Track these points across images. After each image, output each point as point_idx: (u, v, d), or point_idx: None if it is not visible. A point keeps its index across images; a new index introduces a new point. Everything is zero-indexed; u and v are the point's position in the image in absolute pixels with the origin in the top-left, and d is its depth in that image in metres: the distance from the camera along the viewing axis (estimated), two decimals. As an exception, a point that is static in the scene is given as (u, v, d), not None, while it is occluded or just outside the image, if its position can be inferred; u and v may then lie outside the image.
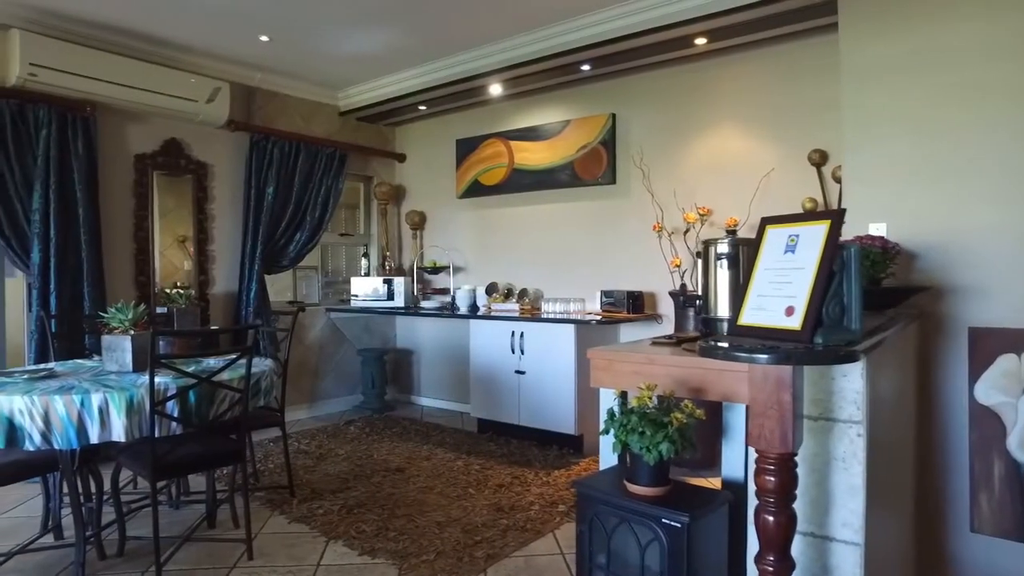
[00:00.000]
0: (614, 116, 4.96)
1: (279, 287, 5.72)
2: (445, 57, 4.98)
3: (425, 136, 6.26)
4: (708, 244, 2.47)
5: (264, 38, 4.50)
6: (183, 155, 4.91)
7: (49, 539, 3.05)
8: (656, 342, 2.67)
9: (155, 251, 4.82)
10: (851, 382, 1.71)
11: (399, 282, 5.69)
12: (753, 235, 1.85)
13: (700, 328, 2.46)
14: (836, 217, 1.60)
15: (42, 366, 3.24)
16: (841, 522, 1.70)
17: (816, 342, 1.50)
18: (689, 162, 4.66)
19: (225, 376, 2.81)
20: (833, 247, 1.56)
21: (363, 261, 6.26)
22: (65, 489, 2.93)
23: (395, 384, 6.32)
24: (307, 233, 5.47)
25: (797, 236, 1.68)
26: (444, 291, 5.83)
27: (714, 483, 2.29)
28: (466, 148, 5.77)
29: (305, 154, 5.43)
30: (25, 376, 2.86)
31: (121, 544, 2.93)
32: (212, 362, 3.11)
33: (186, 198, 5.01)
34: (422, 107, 5.74)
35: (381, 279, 5.75)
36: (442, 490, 3.75)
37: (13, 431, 2.48)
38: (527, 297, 5.34)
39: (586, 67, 4.70)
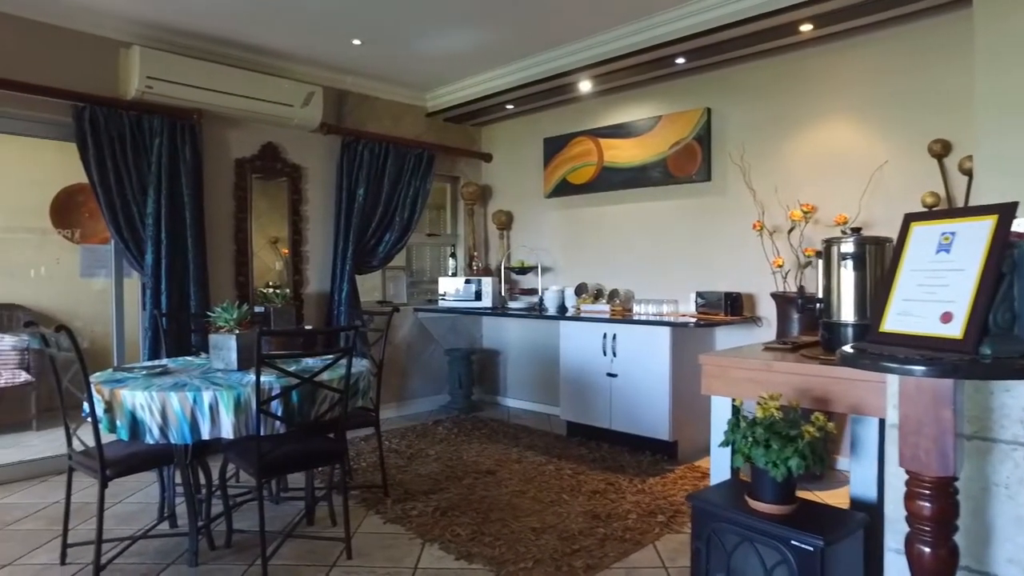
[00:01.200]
0: (709, 111, 4.75)
1: (368, 287, 5.82)
2: (533, 55, 4.92)
3: (512, 135, 6.22)
4: (830, 243, 2.29)
5: (356, 41, 4.58)
6: (279, 158, 5.07)
7: (165, 527, 3.19)
8: (769, 348, 2.50)
9: (252, 252, 5.00)
10: (1017, 398, 1.51)
11: (486, 282, 5.68)
12: (869, 233, 1.68)
13: (822, 333, 2.28)
14: (1005, 212, 1.41)
15: (157, 362, 3.39)
16: (1007, 558, 1.50)
17: (983, 353, 1.32)
18: (792, 157, 4.41)
19: (325, 376, 2.84)
20: (1001, 245, 1.38)
21: (450, 261, 6.29)
22: (178, 479, 3.06)
23: (481, 384, 6.32)
24: (396, 234, 5.54)
25: (952, 234, 1.50)
26: (532, 291, 5.77)
27: (820, 497, 2.12)
28: (554, 147, 5.69)
29: (394, 155, 5.50)
30: (143, 372, 2.99)
31: (228, 536, 3.03)
32: (311, 362, 3.16)
33: (280, 200, 5.18)
34: (509, 106, 5.70)
35: (468, 279, 5.76)
36: (535, 495, 3.68)
37: (136, 425, 2.60)
38: (618, 298, 5.20)
39: (680, 60, 4.53)
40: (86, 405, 2.69)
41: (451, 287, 5.79)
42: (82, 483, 3.27)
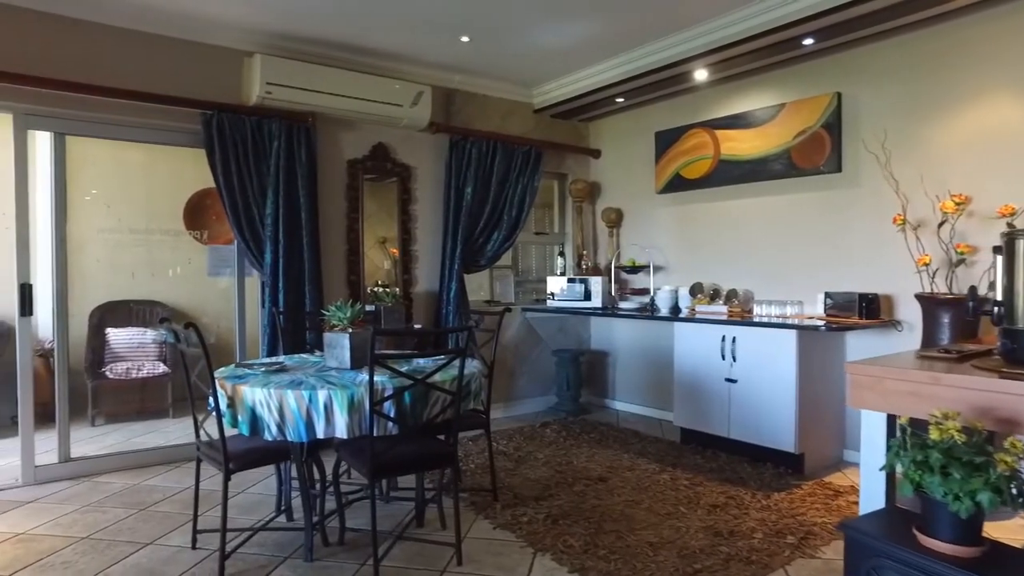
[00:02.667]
0: (839, 95, 4.35)
1: (474, 286, 5.81)
2: (645, 45, 4.69)
3: (621, 130, 6.01)
4: (1014, 236, 1.96)
5: (465, 38, 4.54)
6: (389, 158, 5.13)
7: (282, 519, 3.27)
8: (926, 356, 2.18)
9: (363, 251, 5.09)
10: None
11: (595, 282, 5.50)
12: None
13: (1004, 342, 1.95)
14: None
15: (274, 359, 3.49)
16: None
17: None
18: (940, 142, 3.94)
19: (437, 378, 2.79)
20: None
21: (558, 260, 6.16)
22: (294, 474, 3.11)
23: (590, 386, 6.15)
24: (504, 232, 5.48)
25: None
26: (643, 291, 5.53)
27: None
28: (666, 140, 5.43)
29: (502, 153, 5.44)
30: (262, 369, 3.07)
31: (341, 533, 3.04)
32: (423, 362, 3.13)
33: (389, 200, 5.25)
34: (619, 99, 5.50)
35: (577, 278, 5.61)
36: (650, 506, 3.48)
37: (256, 421, 2.65)
38: (736, 299, 4.88)
39: (808, 41, 4.16)
40: (211, 399, 2.78)
41: (559, 287, 5.67)
42: (209, 471, 3.42)
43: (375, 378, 2.63)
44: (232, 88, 4.40)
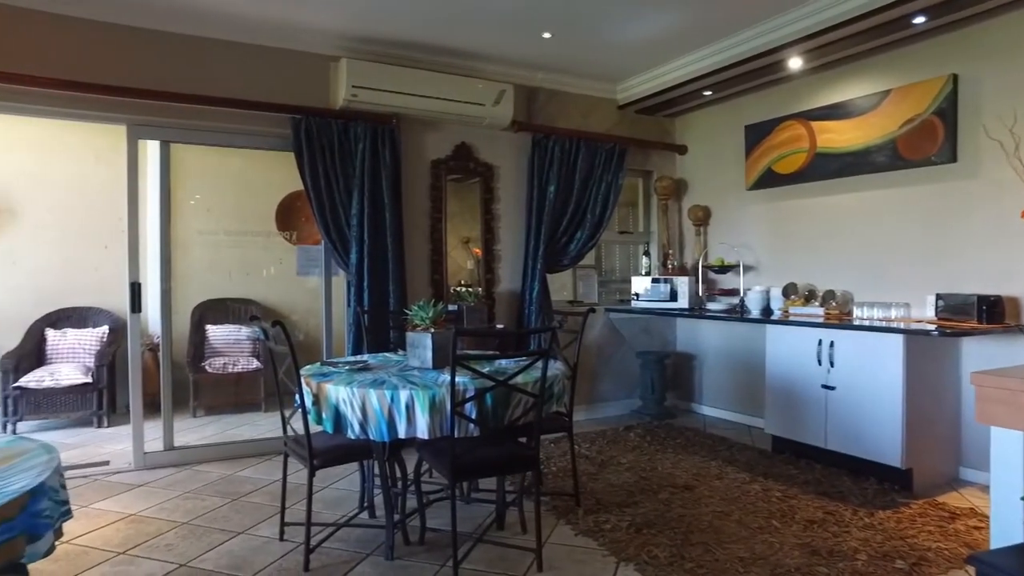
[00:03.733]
0: (955, 77, 3.98)
1: (557, 285, 5.73)
2: (734, 34, 4.47)
3: (709, 125, 5.77)
4: None
5: (547, 35, 4.47)
6: (472, 158, 5.14)
7: (364, 517, 3.31)
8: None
9: (446, 251, 5.11)
10: None
11: (682, 282, 5.31)
12: None
13: None
14: None
15: (358, 358, 3.54)
16: None
17: None
18: (1079, 125, 3.53)
19: (520, 379, 2.74)
20: None
21: (643, 260, 5.99)
22: (377, 471, 3.14)
23: (675, 390, 5.95)
24: (587, 231, 5.38)
25: None
26: (732, 292, 5.29)
27: None
28: (757, 134, 5.16)
29: (585, 151, 5.34)
30: (346, 367, 3.12)
31: (422, 533, 3.05)
32: (505, 363, 3.09)
33: (472, 199, 5.25)
34: (706, 92, 5.28)
35: (663, 278, 5.43)
36: (740, 518, 3.30)
37: (339, 419, 2.69)
38: (834, 300, 4.57)
39: (919, 20, 3.83)
40: (297, 396, 2.85)
41: (644, 287, 5.51)
42: (296, 465, 3.50)
43: (457, 379, 2.60)
44: (320, 92, 4.52)
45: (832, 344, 4.05)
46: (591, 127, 5.52)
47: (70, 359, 5.53)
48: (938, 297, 3.94)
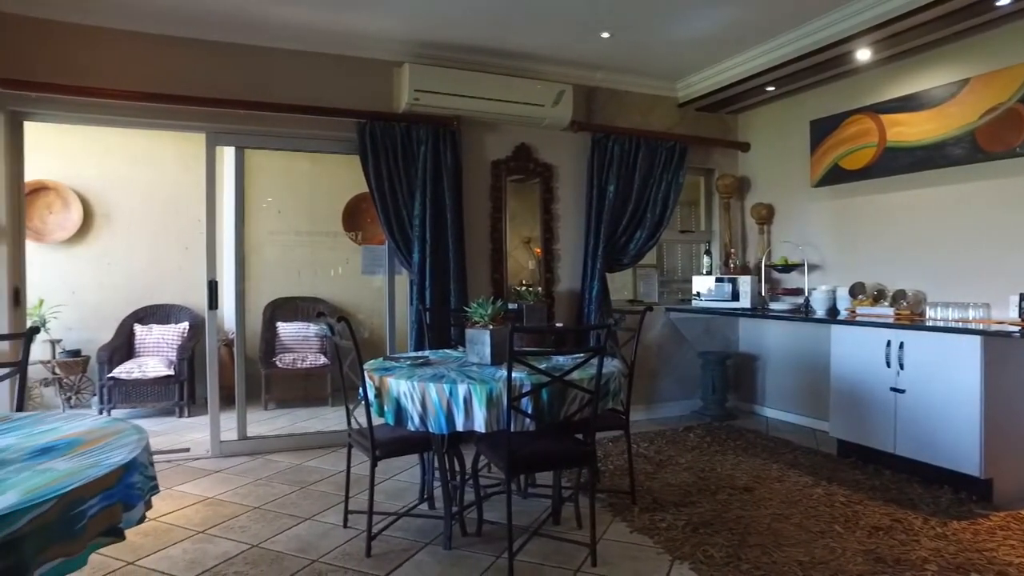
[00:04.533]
0: (1044, 63, 3.77)
1: (618, 285, 5.73)
2: (798, 27, 4.36)
3: (772, 121, 5.64)
4: None
5: (605, 34, 4.48)
6: (531, 158, 5.20)
7: (424, 508, 3.42)
8: None
9: (506, 250, 5.19)
10: None
11: (744, 281, 5.21)
12: None
13: None
14: None
15: (419, 353, 3.66)
16: None
17: None
18: None
19: (576, 376, 2.77)
20: None
21: (704, 259, 5.91)
22: (436, 464, 3.24)
23: (737, 391, 5.85)
24: (647, 231, 5.35)
25: None
26: (796, 291, 5.16)
27: None
28: (823, 129, 5.02)
29: (645, 150, 5.31)
30: (408, 362, 3.23)
31: (479, 525, 3.13)
32: (561, 360, 3.13)
33: (533, 199, 5.31)
34: (769, 88, 5.16)
35: (725, 278, 5.35)
36: (800, 521, 3.23)
37: (400, 411, 2.79)
38: (904, 300, 4.40)
39: (1004, 1, 3.63)
40: (361, 389, 2.97)
41: (705, 286, 5.44)
42: (360, 457, 3.65)
43: (514, 374, 2.67)
44: (383, 97, 4.68)
45: (902, 345, 3.90)
46: (651, 126, 5.49)
47: (155, 353, 5.91)
48: (1022, 297, 3.74)
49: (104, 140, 5.95)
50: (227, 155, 4.90)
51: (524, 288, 5.04)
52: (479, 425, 2.67)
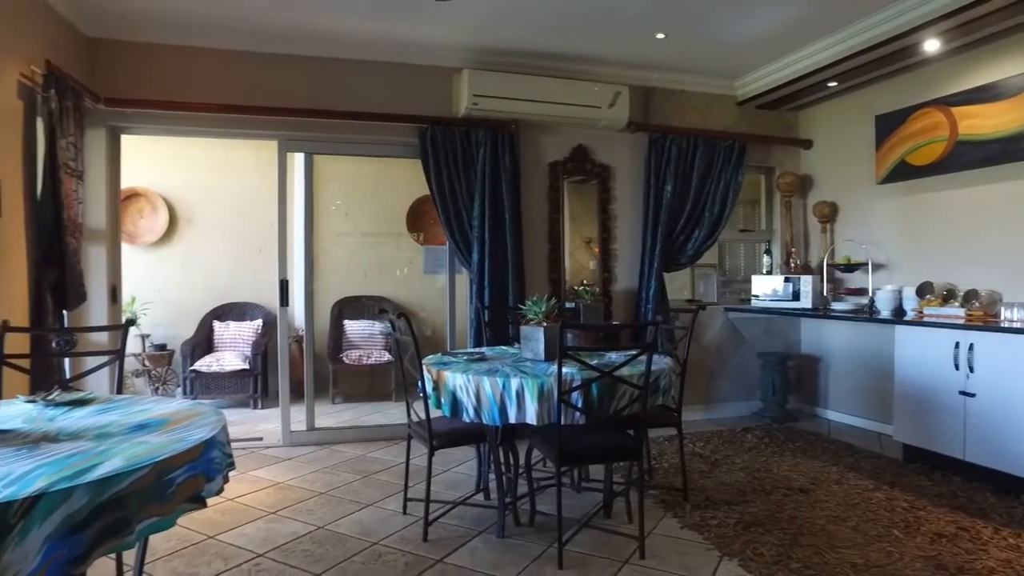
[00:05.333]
0: None
1: (677, 285, 5.73)
2: (862, 19, 4.26)
3: (835, 117, 5.51)
4: None
5: (660, 36, 4.51)
6: (588, 159, 5.26)
7: (480, 498, 3.54)
8: None
9: (565, 250, 5.27)
10: None
11: (806, 281, 5.12)
12: None
13: None
14: None
15: (475, 350, 3.79)
16: None
17: None
18: None
19: (625, 372, 2.84)
20: None
21: (764, 258, 5.83)
22: (491, 456, 3.36)
23: (798, 393, 5.74)
24: (705, 230, 5.33)
25: None
26: (860, 291, 5.03)
27: None
28: (889, 124, 4.87)
29: (703, 149, 5.30)
30: (464, 358, 3.36)
31: (532, 515, 3.23)
32: (613, 356, 3.19)
33: (591, 200, 5.37)
34: (831, 84, 5.06)
35: (785, 277, 5.27)
36: (857, 524, 3.19)
37: (456, 404, 2.93)
38: (977, 301, 4.22)
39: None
40: (420, 383, 3.13)
41: (765, 286, 5.37)
42: (419, 448, 3.81)
43: (566, 370, 2.76)
44: (443, 102, 4.85)
45: (971, 347, 3.77)
46: (709, 125, 5.47)
47: (232, 348, 6.29)
48: (1105, 298, 3.56)
49: (188, 149, 6.37)
50: (297, 161, 5.18)
51: (582, 287, 5.11)
52: (531, 418, 2.77)
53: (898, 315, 4.47)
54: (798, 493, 3.63)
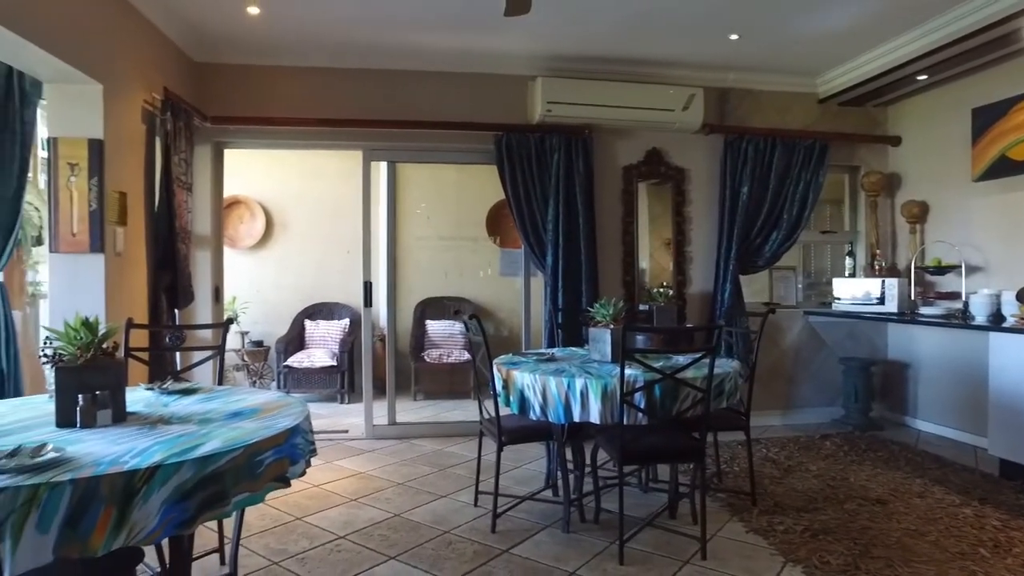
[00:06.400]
0: None
1: (756, 288, 5.64)
2: (953, 7, 4.05)
3: (926, 111, 5.26)
4: None
5: (734, 36, 4.47)
6: (663, 162, 5.27)
7: (548, 494, 3.66)
8: None
9: (639, 253, 5.30)
10: None
11: (892, 284, 4.92)
12: None
13: None
14: None
15: (546, 350, 3.90)
16: None
17: None
18: None
19: (688, 374, 2.88)
20: None
21: (847, 260, 5.63)
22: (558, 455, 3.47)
23: (884, 400, 5.51)
24: (784, 232, 5.22)
25: None
26: (953, 295, 4.78)
27: None
28: (987, 117, 4.61)
29: (781, 149, 5.19)
30: (533, 358, 3.49)
31: (596, 513, 3.32)
32: (681, 359, 3.23)
33: (665, 202, 5.38)
34: (921, 76, 4.83)
35: (870, 280, 5.08)
36: (937, 540, 3.07)
37: (523, 401, 3.06)
38: (1084, 306, 3.95)
39: None
40: (491, 382, 3.28)
41: (848, 289, 5.19)
42: (492, 445, 3.98)
43: (630, 371, 2.83)
44: (518, 109, 5.00)
45: (1074, 356, 3.54)
46: (789, 124, 5.34)
47: (321, 345, 6.69)
48: None
49: (282, 160, 6.83)
50: (381, 168, 5.47)
51: (658, 290, 5.13)
52: (594, 417, 2.86)
53: (996, 321, 4.23)
54: (874, 504, 3.52)
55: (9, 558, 1.37)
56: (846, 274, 5.56)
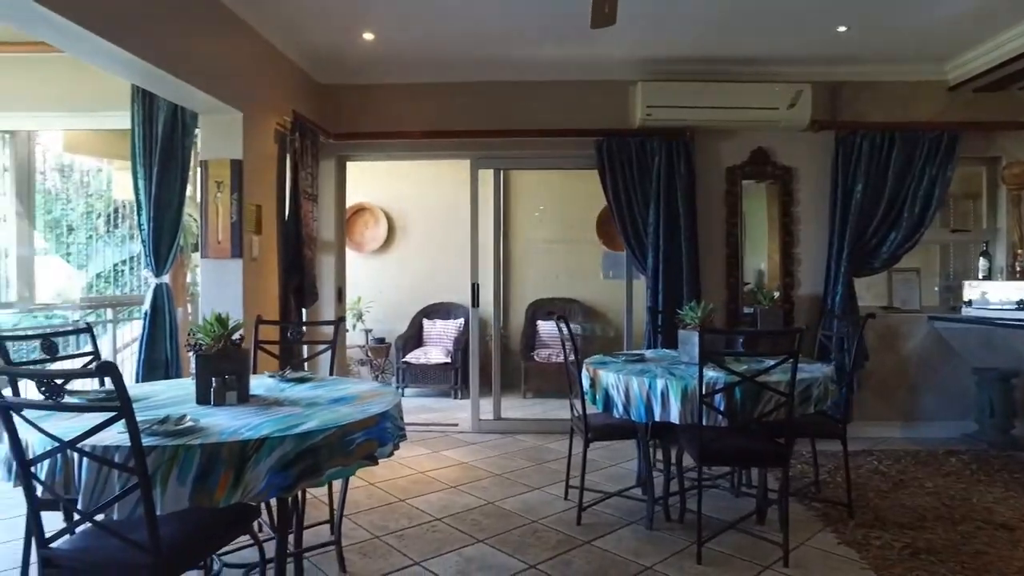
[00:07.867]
0: None
1: (876, 291, 5.33)
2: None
3: (1083, 95, 4.73)
4: None
5: (841, 28, 4.29)
6: (768, 162, 5.13)
7: (637, 492, 3.73)
8: None
9: (744, 254, 5.20)
10: None
11: (1032, 288, 4.49)
12: None
13: None
14: None
15: (636, 352, 3.97)
16: None
17: None
18: None
19: (773, 378, 2.86)
20: None
21: (980, 261, 5.17)
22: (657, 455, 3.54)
23: (1027, 416, 5.02)
24: (904, 231, 4.90)
25: None
26: (1104, 301, 4.29)
27: None
28: None
29: (901, 143, 4.87)
30: (622, 359, 3.59)
31: (681, 512, 3.36)
32: (769, 362, 3.19)
33: (772, 203, 5.23)
34: (1075, 56, 4.36)
35: (1011, 284, 4.66)
36: (1063, 568, 2.83)
37: (608, 400, 3.18)
38: None
39: None
40: (579, 381, 3.42)
41: (979, 292, 4.79)
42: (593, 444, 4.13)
43: (713, 374, 2.87)
44: (619, 114, 5.08)
45: None
46: (911, 115, 5.01)
47: (437, 343, 7.10)
48: None
49: (400, 169, 7.32)
50: (490, 175, 5.77)
51: (763, 292, 5.01)
52: (674, 417, 2.92)
53: None
54: (997, 528, 3.26)
55: (159, 500, 1.74)
56: (979, 276, 5.12)
